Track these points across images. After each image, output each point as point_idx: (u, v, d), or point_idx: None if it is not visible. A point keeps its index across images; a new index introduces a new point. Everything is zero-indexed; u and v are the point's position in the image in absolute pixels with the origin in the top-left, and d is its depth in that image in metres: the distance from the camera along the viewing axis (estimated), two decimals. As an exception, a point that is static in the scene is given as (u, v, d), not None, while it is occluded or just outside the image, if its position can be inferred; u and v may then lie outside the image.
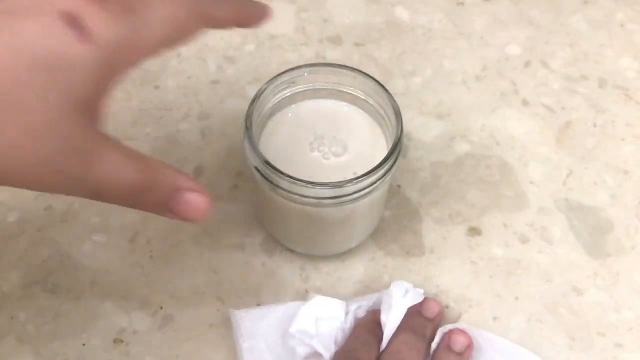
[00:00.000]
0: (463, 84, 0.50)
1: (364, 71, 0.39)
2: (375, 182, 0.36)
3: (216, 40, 0.52)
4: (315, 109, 0.40)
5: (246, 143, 0.36)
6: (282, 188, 0.36)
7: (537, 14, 0.54)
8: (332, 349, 0.37)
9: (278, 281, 0.41)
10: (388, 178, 0.37)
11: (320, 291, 0.41)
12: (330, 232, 0.39)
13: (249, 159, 0.37)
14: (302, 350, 0.37)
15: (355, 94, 0.40)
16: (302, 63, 0.40)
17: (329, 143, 0.39)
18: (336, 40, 0.52)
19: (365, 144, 0.39)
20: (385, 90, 0.38)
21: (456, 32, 0.53)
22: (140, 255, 0.42)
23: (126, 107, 0.48)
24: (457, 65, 0.51)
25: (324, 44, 0.52)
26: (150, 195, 0.28)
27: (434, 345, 0.37)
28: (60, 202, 0.44)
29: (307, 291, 0.41)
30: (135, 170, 0.27)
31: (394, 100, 0.37)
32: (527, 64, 0.51)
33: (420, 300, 0.39)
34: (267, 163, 0.35)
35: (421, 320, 0.38)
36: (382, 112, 0.39)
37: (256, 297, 0.41)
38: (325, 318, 0.37)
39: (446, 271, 0.42)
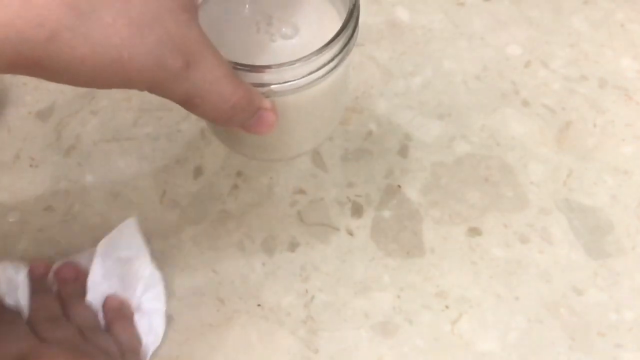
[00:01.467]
0: (463, 84, 0.50)
1: None
2: (329, 62, 0.30)
3: (216, 40, 0.52)
4: None
5: None
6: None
7: (537, 14, 0.54)
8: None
9: (278, 281, 0.41)
10: (345, 59, 0.31)
11: (320, 291, 0.41)
12: (281, 129, 0.33)
13: None
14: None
15: None
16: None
17: (277, 23, 0.33)
18: (336, 40, 0.52)
19: (318, 24, 0.33)
20: None
21: (456, 32, 0.53)
22: (140, 255, 0.42)
23: (126, 107, 0.48)
24: (457, 65, 0.51)
25: (324, 44, 0.52)
26: (242, 114, 0.29)
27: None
28: (60, 202, 0.44)
29: (307, 291, 0.41)
30: (233, 85, 0.28)
31: None
32: (527, 64, 0.51)
33: None
34: None
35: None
36: None
37: (256, 297, 0.41)
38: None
39: (446, 271, 0.42)
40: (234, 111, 0.28)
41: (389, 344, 0.40)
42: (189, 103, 0.27)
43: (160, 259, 0.42)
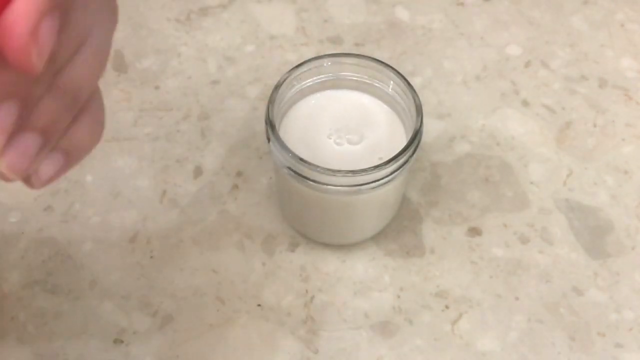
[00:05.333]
0: (463, 84, 0.50)
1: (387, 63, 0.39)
2: (397, 169, 0.37)
3: (216, 40, 0.52)
4: (335, 99, 0.41)
5: (273, 145, 0.36)
6: (315, 181, 0.36)
7: (537, 14, 0.54)
8: None
9: (278, 281, 0.41)
10: (407, 167, 0.37)
11: (320, 291, 0.41)
12: (355, 219, 0.40)
13: (277, 160, 0.37)
14: None
15: (376, 84, 0.40)
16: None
17: (345, 132, 0.39)
18: (336, 40, 0.52)
19: (384, 134, 0.40)
20: (406, 81, 0.38)
21: (456, 32, 0.53)
22: (140, 255, 0.42)
23: (126, 107, 0.48)
24: (457, 65, 0.51)
25: (324, 44, 0.52)
26: None
27: None
28: (60, 202, 0.44)
29: (307, 291, 0.41)
30: None
31: (415, 92, 0.38)
32: (527, 64, 0.51)
33: None
34: (302, 160, 0.35)
35: None
36: (402, 103, 0.39)
37: (256, 297, 0.41)
38: None
39: (446, 271, 0.42)
40: None
41: (389, 344, 0.40)
42: None
43: (161, 259, 0.42)
